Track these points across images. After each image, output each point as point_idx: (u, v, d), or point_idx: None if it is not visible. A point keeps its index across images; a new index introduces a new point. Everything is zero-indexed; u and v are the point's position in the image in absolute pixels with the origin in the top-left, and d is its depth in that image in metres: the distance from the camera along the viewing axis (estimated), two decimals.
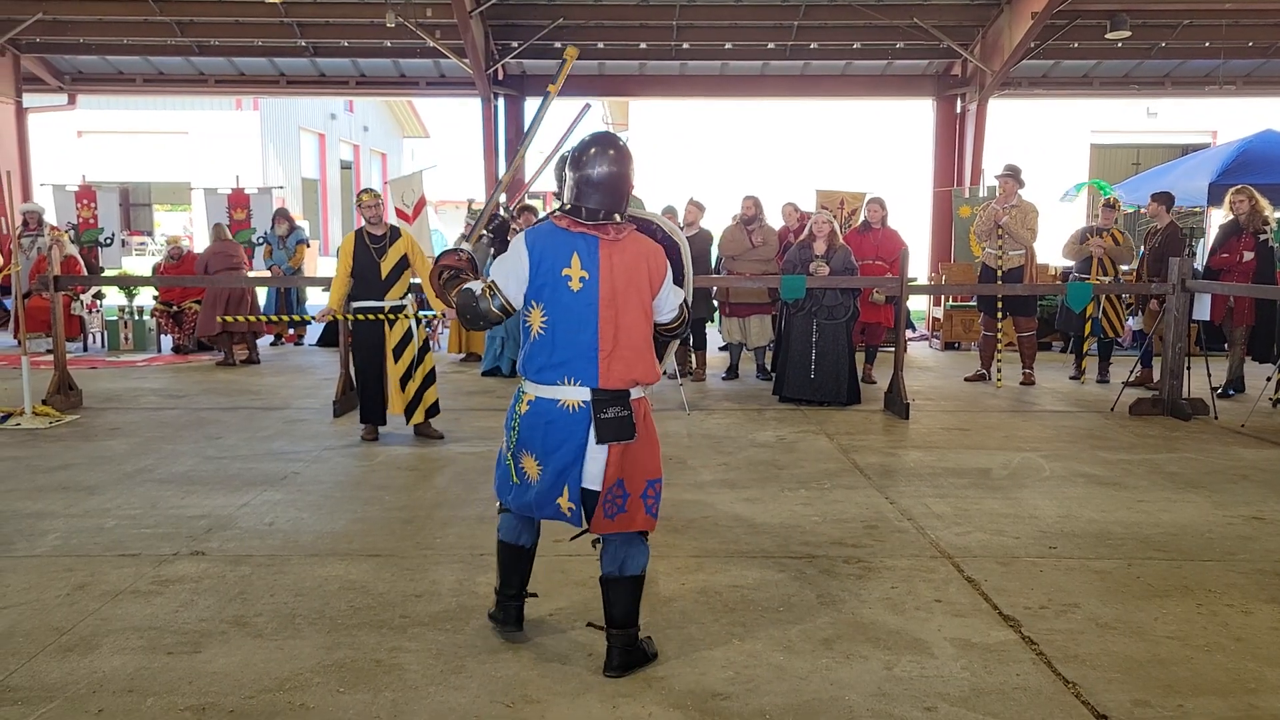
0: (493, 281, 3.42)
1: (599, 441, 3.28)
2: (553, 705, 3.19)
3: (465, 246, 3.98)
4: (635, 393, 3.36)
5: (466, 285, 3.55)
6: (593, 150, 3.38)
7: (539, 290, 3.33)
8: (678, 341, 3.89)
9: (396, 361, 7.03)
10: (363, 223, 7.10)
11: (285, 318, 12.09)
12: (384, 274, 6.99)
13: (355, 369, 7.27)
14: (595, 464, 3.32)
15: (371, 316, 6.97)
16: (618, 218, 3.39)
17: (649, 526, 3.45)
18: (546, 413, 3.33)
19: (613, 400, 3.28)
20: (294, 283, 12.32)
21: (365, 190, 7.24)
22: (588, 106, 4.42)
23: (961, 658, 3.55)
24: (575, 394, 3.30)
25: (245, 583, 4.24)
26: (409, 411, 7.07)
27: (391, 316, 6.99)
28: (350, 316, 7.09)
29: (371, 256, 6.98)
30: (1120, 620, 3.89)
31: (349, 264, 7.00)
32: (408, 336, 7.05)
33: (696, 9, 13.49)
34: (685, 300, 3.60)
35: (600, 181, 3.34)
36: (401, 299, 7.07)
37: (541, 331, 3.34)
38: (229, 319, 10.28)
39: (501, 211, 4.60)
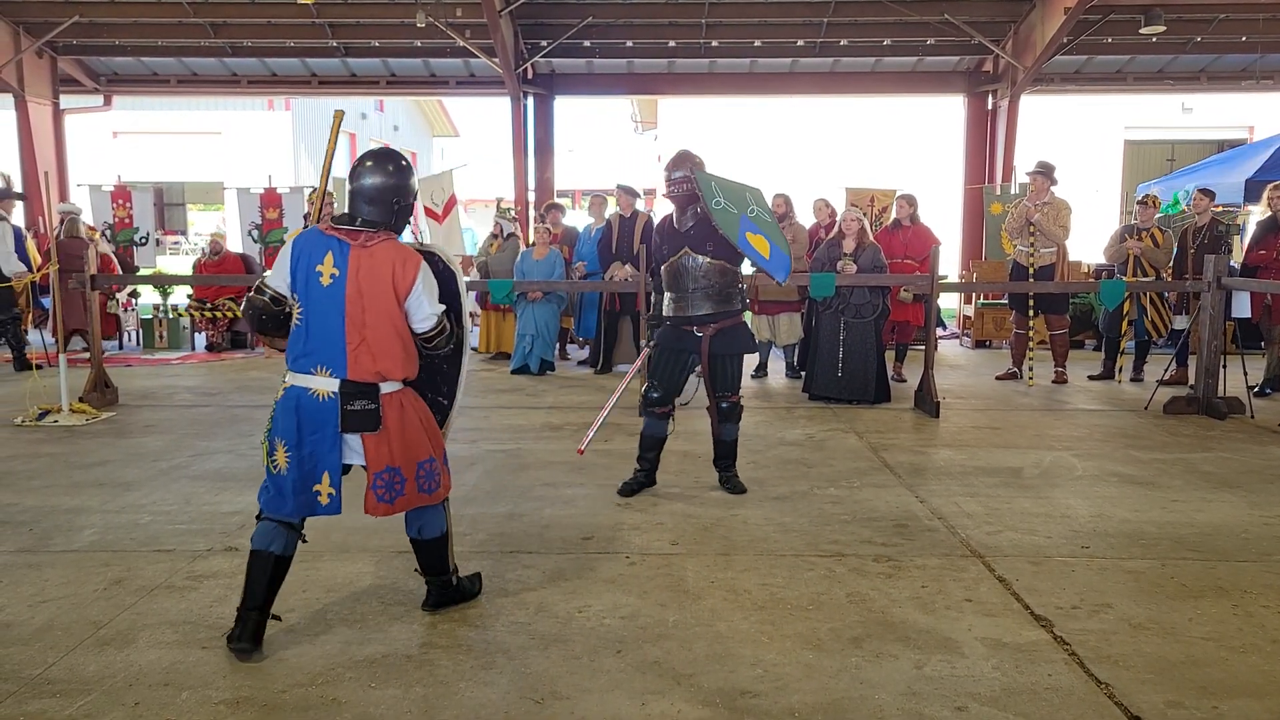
0: (264, 279, 3.75)
1: (343, 430, 3.55)
2: (581, 702, 3.20)
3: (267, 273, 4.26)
4: (388, 387, 3.60)
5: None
6: (359, 166, 3.68)
7: (296, 283, 3.60)
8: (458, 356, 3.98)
9: None
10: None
11: None
12: None
13: None
14: (353, 448, 3.61)
15: None
16: (395, 231, 3.68)
17: (431, 501, 3.77)
18: (298, 399, 3.57)
19: (359, 394, 3.54)
20: None
21: None
22: (340, 114, 4.50)
23: (992, 657, 3.52)
24: (326, 384, 3.54)
25: None
26: None
27: None
28: None
29: None
30: (1154, 621, 3.85)
31: None
32: None
33: (725, 6, 13.45)
34: (448, 315, 3.74)
35: (356, 193, 3.65)
36: None
37: (298, 322, 3.62)
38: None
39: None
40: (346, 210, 3.69)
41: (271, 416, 3.65)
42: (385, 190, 3.63)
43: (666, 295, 5.60)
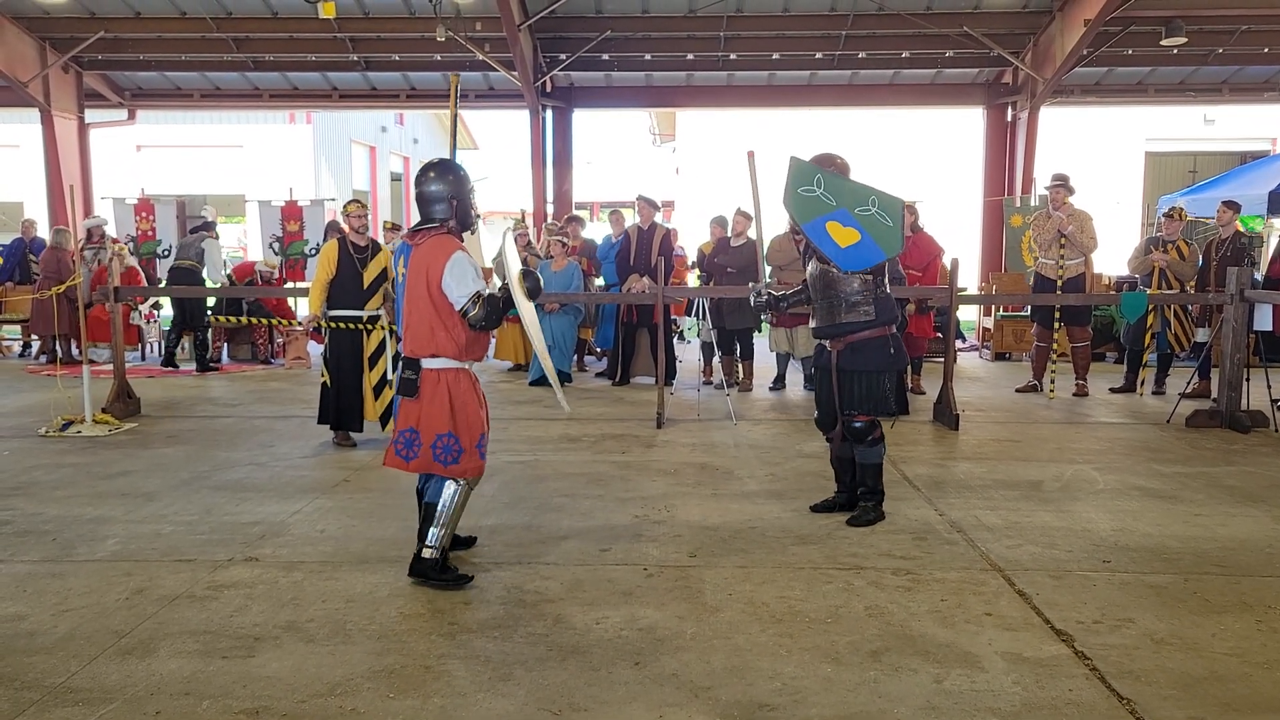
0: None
1: (397, 393, 4.41)
2: (599, 713, 3.20)
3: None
4: (433, 363, 4.31)
5: None
6: (420, 175, 4.40)
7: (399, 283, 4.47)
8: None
9: (371, 369, 7.21)
10: (348, 232, 7.26)
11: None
12: (366, 284, 7.16)
13: (332, 376, 7.21)
14: None
15: (351, 325, 7.11)
16: (461, 224, 4.42)
17: (440, 471, 4.33)
18: None
19: (407, 365, 4.35)
20: None
21: (353, 201, 7.42)
22: (456, 76, 5.01)
23: (1012, 672, 3.50)
24: None
25: (298, 589, 4.31)
26: (384, 419, 7.21)
27: (368, 325, 7.20)
28: (331, 324, 7.16)
29: (355, 266, 7.14)
30: (1176, 636, 3.82)
31: (331, 271, 7.09)
32: (382, 346, 7.27)
33: (744, 19, 13.50)
34: (480, 293, 4.25)
35: (417, 197, 4.40)
36: (377, 310, 7.24)
37: None
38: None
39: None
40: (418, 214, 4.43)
41: None
42: (437, 194, 4.37)
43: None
